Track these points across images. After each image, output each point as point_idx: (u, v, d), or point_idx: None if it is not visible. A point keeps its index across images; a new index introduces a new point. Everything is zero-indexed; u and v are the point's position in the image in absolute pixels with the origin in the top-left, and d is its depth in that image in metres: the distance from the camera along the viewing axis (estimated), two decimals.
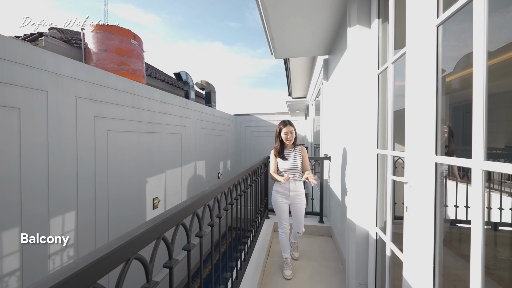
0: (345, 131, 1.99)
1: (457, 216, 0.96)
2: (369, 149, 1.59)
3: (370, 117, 1.57)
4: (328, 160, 2.90)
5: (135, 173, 3.64)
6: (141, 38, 4.45)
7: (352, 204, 1.68)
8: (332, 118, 2.70)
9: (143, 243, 0.63)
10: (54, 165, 2.48)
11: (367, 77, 1.56)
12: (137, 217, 3.67)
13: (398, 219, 1.22)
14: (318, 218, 3.02)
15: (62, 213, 2.57)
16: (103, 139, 3.08)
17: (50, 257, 2.45)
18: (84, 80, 2.81)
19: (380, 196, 1.50)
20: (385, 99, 1.43)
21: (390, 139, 1.26)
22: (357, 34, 1.55)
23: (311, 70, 5.10)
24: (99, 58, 3.87)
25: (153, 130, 4.06)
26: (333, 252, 2.48)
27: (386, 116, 1.38)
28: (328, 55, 2.92)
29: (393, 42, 1.22)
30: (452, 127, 0.90)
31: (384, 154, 1.40)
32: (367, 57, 1.54)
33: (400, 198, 1.24)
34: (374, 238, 1.51)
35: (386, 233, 1.30)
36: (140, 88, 3.76)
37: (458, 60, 0.90)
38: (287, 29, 2.17)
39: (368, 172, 1.59)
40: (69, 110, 2.64)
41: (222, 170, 7.70)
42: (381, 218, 1.48)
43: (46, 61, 2.42)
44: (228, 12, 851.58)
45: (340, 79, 2.20)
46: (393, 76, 1.24)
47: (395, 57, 1.19)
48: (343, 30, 2.08)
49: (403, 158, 1.14)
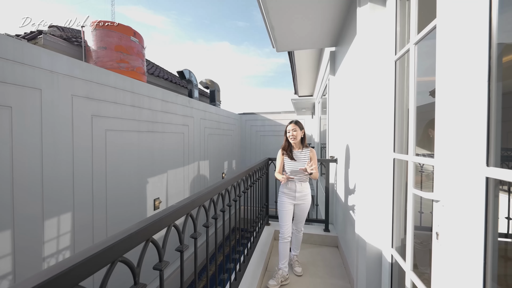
0: (353, 130, 1.75)
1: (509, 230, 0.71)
2: (383, 153, 1.33)
3: (384, 113, 1.32)
4: (334, 162, 2.66)
5: (135, 173, 3.55)
6: (141, 35, 4.37)
7: (362, 218, 1.43)
8: (340, 116, 2.46)
9: (130, 246, 0.63)
10: (49, 165, 2.40)
11: (381, 66, 1.31)
12: (137, 218, 3.59)
13: (419, 232, 1.02)
14: (323, 226, 2.76)
15: (58, 215, 2.50)
16: (101, 139, 3.00)
17: (45, 260, 2.38)
18: (81, 78, 2.73)
19: (397, 211, 1.27)
20: (404, 90, 1.19)
21: (412, 140, 1.01)
22: (368, 15, 1.31)
23: (317, 65, 4.88)
24: (98, 56, 3.81)
25: (154, 130, 3.97)
26: (340, 266, 2.20)
27: (403, 112, 1.15)
28: (335, 47, 2.67)
29: (416, 18, 0.98)
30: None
31: (403, 159, 1.15)
32: (381, 42, 1.30)
33: (425, 216, 1.03)
34: (389, 261, 1.27)
35: (405, 259, 1.05)
36: (141, 86, 3.67)
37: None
38: (288, 15, 1.93)
39: (382, 180, 1.34)
40: (64, 108, 2.56)
41: (227, 170, 7.59)
42: (397, 237, 1.25)
43: (40, 58, 2.34)
44: (236, 11, 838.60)
45: (348, 72, 1.97)
46: (416, 61, 0.99)
47: (419, 35, 0.94)
48: (352, 14, 1.83)
49: (431, 165, 0.89)
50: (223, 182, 1.21)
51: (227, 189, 1.26)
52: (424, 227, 1.07)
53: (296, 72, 5.39)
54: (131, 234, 0.62)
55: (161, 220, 0.74)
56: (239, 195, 1.50)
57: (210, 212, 1.10)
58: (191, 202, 0.90)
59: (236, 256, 1.53)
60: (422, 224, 1.08)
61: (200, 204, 0.98)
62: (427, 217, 1.08)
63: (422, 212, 1.06)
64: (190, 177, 5.20)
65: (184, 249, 0.88)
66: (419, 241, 0.97)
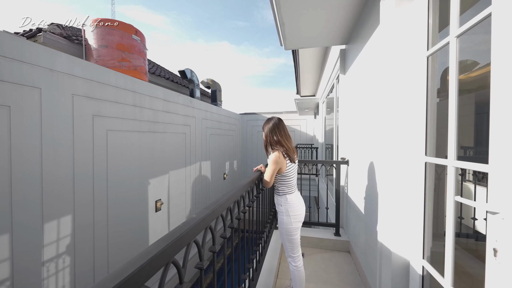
0: (375, 132, 1.63)
1: None
2: (413, 156, 1.24)
3: (414, 114, 1.22)
4: (345, 164, 2.57)
5: (137, 174, 3.48)
6: (143, 34, 4.30)
7: (386, 225, 1.34)
8: (353, 116, 2.35)
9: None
10: (48, 166, 2.33)
11: (409, 62, 1.23)
12: (139, 221, 3.53)
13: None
14: (334, 230, 2.66)
15: (58, 218, 2.43)
16: (102, 139, 2.93)
17: (44, 265, 2.31)
18: (81, 77, 2.66)
19: (428, 219, 1.18)
20: (437, 88, 1.10)
21: (452, 144, 0.93)
22: (394, 9, 1.22)
23: (322, 65, 4.81)
24: (99, 54, 3.74)
25: (156, 130, 3.90)
26: (353, 273, 2.10)
27: (436, 112, 1.05)
28: (346, 45, 2.58)
29: (458, 9, 0.90)
30: None
31: (440, 164, 1.06)
32: (409, 37, 1.22)
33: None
34: (419, 273, 1.17)
35: (444, 274, 0.96)
36: (142, 86, 3.60)
37: None
38: (300, 11, 1.84)
39: (411, 185, 1.25)
40: (65, 108, 2.49)
41: (228, 171, 7.52)
42: (430, 248, 1.16)
43: (39, 56, 2.27)
44: (236, 11, 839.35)
45: (365, 70, 1.88)
46: (458, 55, 0.91)
47: (464, 27, 0.86)
48: (369, 10, 1.76)
49: (478, 171, 0.80)
50: (238, 188, 1.12)
51: (242, 195, 1.19)
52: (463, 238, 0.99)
53: (299, 72, 5.33)
54: (151, 258, 0.55)
55: (181, 239, 0.66)
56: (253, 200, 1.42)
57: (227, 221, 1.02)
58: (211, 213, 0.81)
59: (254, 257, 1.49)
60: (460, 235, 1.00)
61: (219, 214, 0.90)
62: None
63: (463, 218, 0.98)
64: (192, 178, 5.13)
65: (205, 266, 0.79)
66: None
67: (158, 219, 3.98)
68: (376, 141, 1.61)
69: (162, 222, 4.10)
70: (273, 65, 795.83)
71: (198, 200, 5.42)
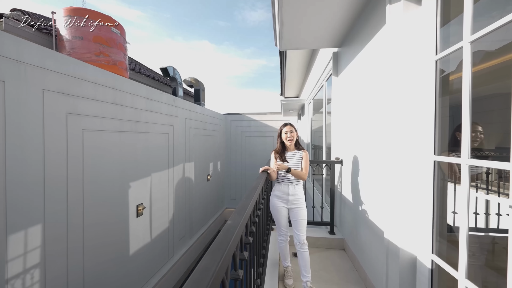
0: (375, 132, 1.70)
1: None
2: (421, 155, 1.30)
3: (422, 115, 1.28)
4: (339, 164, 2.61)
5: (117, 177, 3.23)
6: (123, 27, 4.00)
7: (392, 222, 1.39)
8: (348, 117, 2.39)
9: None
10: (14, 170, 2.05)
11: (416, 66, 1.29)
12: (119, 228, 3.27)
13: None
14: (328, 228, 2.71)
15: (25, 228, 2.15)
16: (78, 140, 2.67)
17: (8, 282, 2.03)
18: (54, 70, 2.39)
19: (438, 215, 1.23)
20: (451, 90, 1.16)
21: (466, 143, 0.99)
22: (400, 14, 1.26)
23: (308, 67, 4.90)
24: (73, 47, 3.39)
25: (138, 130, 3.66)
26: (352, 271, 2.17)
27: (441, 114, 1.09)
28: (339, 48, 2.63)
29: (470, 15, 0.95)
30: None
31: (454, 162, 1.09)
32: (416, 41, 1.27)
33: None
34: (428, 267, 1.23)
35: (458, 269, 1.00)
36: (123, 83, 3.35)
37: None
38: (302, 11, 1.83)
39: (419, 183, 1.31)
40: (34, 105, 2.22)
41: (212, 172, 7.35)
42: (437, 242, 1.21)
43: (2, 44, 1.99)
44: (217, 11, 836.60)
45: (364, 72, 1.94)
46: (471, 59, 0.97)
47: (480, 32, 0.92)
48: (366, 15, 1.83)
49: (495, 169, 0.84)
50: (251, 202, 1.04)
51: (257, 199, 1.12)
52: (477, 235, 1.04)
53: (285, 73, 5.38)
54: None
55: (228, 251, 0.60)
56: (259, 208, 1.37)
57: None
58: (242, 221, 0.73)
59: (262, 261, 1.46)
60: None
61: (246, 221, 0.84)
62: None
63: (478, 213, 1.03)
64: (175, 180, 4.91)
65: (241, 276, 0.71)
66: (470, 253, 0.94)
67: (139, 224, 3.74)
68: (379, 141, 1.65)
69: (144, 228, 3.85)
70: (254, 66, 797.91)
71: (182, 203, 5.20)
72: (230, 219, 0.71)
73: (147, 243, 3.90)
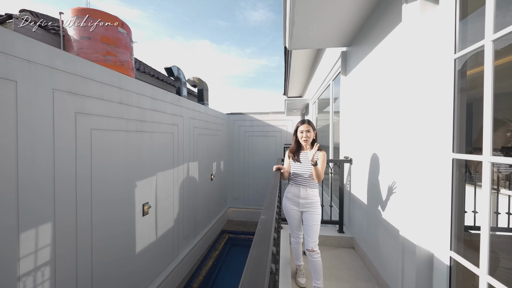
0: (390, 131, 1.69)
1: None
2: (439, 153, 1.31)
3: (440, 113, 1.29)
4: (348, 163, 2.60)
5: (123, 176, 3.25)
6: (129, 27, 4.03)
7: (409, 221, 1.40)
8: (359, 116, 2.38)
9: None
10: (25, 169, 2.08)
11: (434, 64, 1.30)
12: (126, 227, 3.29)
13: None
14: (337, 227, 2.72)
15: (36, 226, 2.17)
16: (86, 139, 2.69)
17: (20, 279, 2.05)
18: (63, 70, 2.42)
19: (456, 213, 1.25)
20: (469, 87, 1.17)
21: (488, 140, 0.99)
22: (417, 13, 1.28)
23: (312, 66, 4.90)
24: (81, 47, 3.42)
25: (143, 129, 3.68)
26: (362, 268, 2.18)
27: (459, 112, 1.11)
28: (348, 47, 2.63)
29: (493, 14, 0.96)
30: None
31: (476, 160, 1.09)
32: (434, 40, 1.28)
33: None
34: (446, 263, 1.24)
35: (480, 265, 1.01)
36: (129, 82, 3.37)
37: None
38: (314, 11, 1.82)
39: (437, 181, 1.32)
40: (44, 104, 2.24)
41: (215, 171, 7.37)
42: (456, 240, 1.23)
43: (14, 44, 2.02)
44: (218, 11, 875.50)
45: (376, 71, 1.93)
46: (493, 57, 0.98)
47: (504, 31, 0.92)
48: (379, 14, 1.83)
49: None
50: (275, 198, 1.06)
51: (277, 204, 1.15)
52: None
53: (290, 73, 5.38)
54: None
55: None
56: (279, 207, 1.39)
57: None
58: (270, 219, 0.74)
59: (277, 258, 1.48)
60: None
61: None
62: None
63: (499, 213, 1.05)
64: (179, 179, 4.94)
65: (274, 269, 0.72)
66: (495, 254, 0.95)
67: (145, 223, 3.76)
68: (393, 140, 1.64)
69: (149, 227, 3.87)
70: (254, 66, 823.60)
71: (186, 202, 5.22)
72: (263, 213, 0.72)
73: (152, 242, 3.93)
